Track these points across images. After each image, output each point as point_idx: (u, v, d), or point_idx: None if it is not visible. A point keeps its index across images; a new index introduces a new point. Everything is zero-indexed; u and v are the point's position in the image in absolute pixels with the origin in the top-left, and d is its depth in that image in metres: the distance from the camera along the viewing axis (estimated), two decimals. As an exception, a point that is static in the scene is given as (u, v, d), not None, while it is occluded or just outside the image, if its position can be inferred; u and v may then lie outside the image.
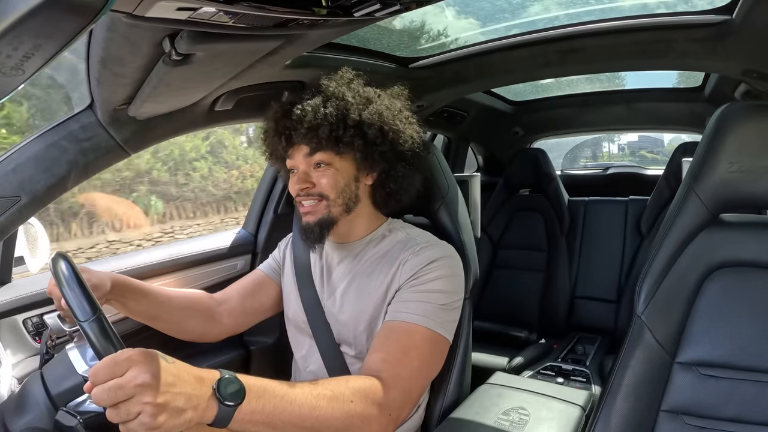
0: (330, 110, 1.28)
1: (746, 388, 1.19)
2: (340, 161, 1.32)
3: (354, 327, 1.34)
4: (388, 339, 1.22)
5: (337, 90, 1.33)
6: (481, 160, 3.92)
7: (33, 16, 0.51)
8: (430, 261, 1.29)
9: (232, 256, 2.03)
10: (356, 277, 1.37)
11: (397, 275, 1.30)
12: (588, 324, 2.97)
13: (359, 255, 1.40)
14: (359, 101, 1.32)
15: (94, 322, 0.84)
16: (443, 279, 1.28)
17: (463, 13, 2.14)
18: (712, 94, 2.52)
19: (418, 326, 1.22)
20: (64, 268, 0.93)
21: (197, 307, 1.44)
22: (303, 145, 1.31)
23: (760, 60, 1.65)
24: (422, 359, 1.22)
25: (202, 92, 1.37)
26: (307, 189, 1.32)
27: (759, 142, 1.23)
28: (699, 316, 1.26)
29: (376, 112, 1.32)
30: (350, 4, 0.96)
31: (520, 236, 3.21)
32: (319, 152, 1.30)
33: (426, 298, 1.25)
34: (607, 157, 7.35)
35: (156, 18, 0.82)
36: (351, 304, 1.35)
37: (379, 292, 1.31)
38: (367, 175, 1.37)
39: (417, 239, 1.36)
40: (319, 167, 1.32)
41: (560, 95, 3.20)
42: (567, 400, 1.51)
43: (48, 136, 1.30)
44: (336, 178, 1.32)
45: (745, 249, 1.26)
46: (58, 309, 1.21)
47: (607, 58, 1.93)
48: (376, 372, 1.15)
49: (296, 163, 1.34)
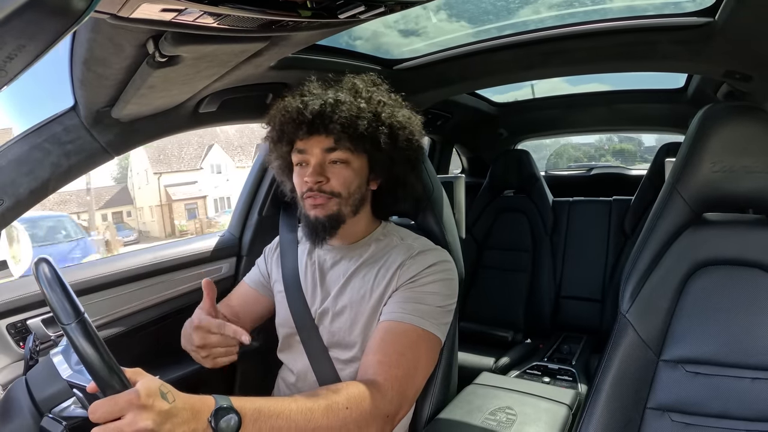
0: (363, 105, 1.26)
1: (731, 384, 1.20)
2: (357, 161, 1.30)
3: (349, 329, 1.33)
4: (383, 340, 1.22)
5: (365, 89, 1.32)
6: (465, 161, 3.93)
7: (16, 16, 0.51)
8: (428, 266, 1.30)
9: (216, 258, 2.02)
10: (351, 279, 1.36)
11: (394, 279, 1.29)
12: (573, 323, 2.99)
13: (354, 257, 1.39)
14: (390, 103, 1.33)
15: (77, 325, 0.83)
16: (440, 282, 1.29)
17: (451, 16, 2.15)
18: (694, 95, 2.56)
19: (414, 326, 1.22)
20: (47, 271, 0.93)
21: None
22: (325, 137, 1.27)
23: (742, 61, 1.67)
24: (418, 359, 1.23)
25: (186, 94, 1.37)
26: (321, 184, 1.28)
27: (741, 142, 1.25)
28: (683, 314, 1.28)
29: (406, 116, 1.34)
30: (335, 5, 0.96)
31: (505, 237, 3.22)
32: (338, 150, 1.27)
33: (422, 299, 1.26)
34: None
35: (140, 19, 0.82)
36: (346, 304, 1.34)
37: (375, 295, 1.30)
38: (374, 179, 1.36)
39: (414, 244, 1.37)
40: (335, 164, 1.29)
41: (544, 97, 3.22)
42: (554, 399, 1.52)
43: (30, 139, 1.28)
44: (351, 177, 1.30)
45: (729, 247, 1.28)
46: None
47: (590, 60, 1.95)
48: (372, 374, 1.16)
49: (310, 155, 1.30)
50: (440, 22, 2.10)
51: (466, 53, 1.93)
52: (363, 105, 1.26)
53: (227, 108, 1.58)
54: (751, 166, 1.25)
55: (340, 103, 1.24)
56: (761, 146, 1.25)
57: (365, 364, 1.21)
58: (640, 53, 1.79)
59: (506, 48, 1.86)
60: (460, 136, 3.54)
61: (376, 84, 1.38)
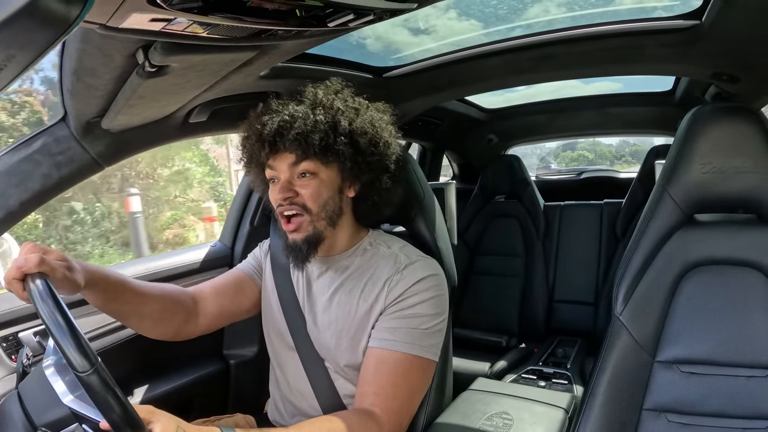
0: (320, 117, 1.24)
1: (727, 383, 1.21)
2: (326, 171, 1.27)
3: (335, 345, 1.32)
4: (377, 371, 1.23)
5: (326, 98, 1.29)
6: (456, 167, 3.94)
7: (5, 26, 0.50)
8: (416, 281, 1.28)
9: (208, 269, 2.01)
10: (337, 293, 1.34)
11: (381, 296, 1.28)
12: (567, 327, 3.00)
13: (340, 269, 1.37)
14: (349, 110, 1.30)
15: (94, 373, 0.82)
16: (429, 302, 1.28)
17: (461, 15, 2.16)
18: (683, 98, 2.57)
19: (406, 354, 1.23)
20: (60, 319, 0.92)
21: (174, 309, 1.34)
22: (288, 153, 1.25)
23: (730, 63, 1.69)
24: (412, 387, 1.25)
25: (177, 104, 1.37)
26: (290, 198, 1.26)
27: (730, 143, 1.27)
28: (677, 315, 1.28)
29: (367, 121, 1.30)
30: (324, 14, 0.97)
31: (496, 242, 3.23)
32: (305, 161, 1.25)
33: (412, 323, 1.25)
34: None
35: (129, 29, 0.82)
36: (332, 321, 1.33)
37: (362, 311, 1.29)
38: (350, 187, 1.33)
39: (400, 256, 1.33)
40: (303, 177, 1.26)
41: (533, 102, 3.24)
42: (550, 403, 1.52)
43: (21, 150, 1.28)
44: (320, 189, 1.27)
45: (720, 247, 1.29)
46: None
47: (578, 65, 1.96)
48: (369, 405, 1.19)
49: (278, 172, 1.28)
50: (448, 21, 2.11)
51: (455, 60, 1.94)
52: (320, 117, 1.24)
53: (218, 118, 1.58)
54: (740, 166, 1.26)
55: (294, 119, 1.23)
56: (749, 146, 1.26)
57: (361, 394, 1.23)
58: (628, 57, 1.81)
59: (495, 54, 1.87)
60: (450, 143, 3.55)
61: (339, 90, 1.34)
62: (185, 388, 1.74)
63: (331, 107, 1.28)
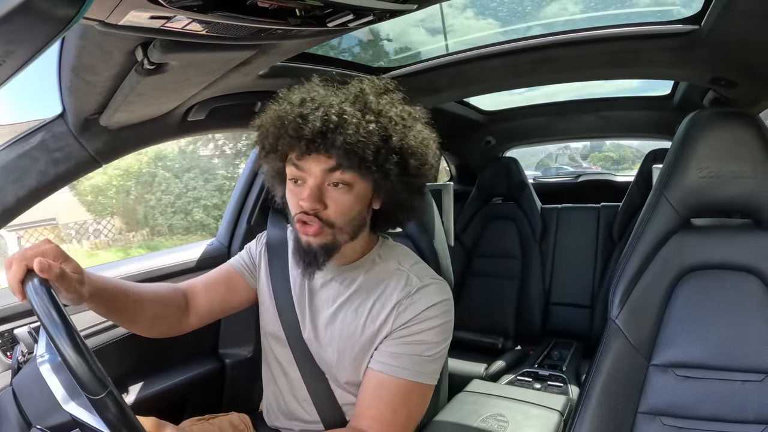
0: (372, 127, 1.08)
1: (722, 387, 1.22)
2: (362, 184, 1.13)
3: (337, 362, 1.26)
4: (377, 395, 1.19)
5: (375, 100, 1.14)
6: (453, 169, 3.94)
7: (4, 22, 0.50)
8: (426, 308, 1.20)
9: (205, 267, 2.00)
10: (342, 308, 1.27)
11: (389, 320, 1.20)
12: (563, 330, 3.00)
13: (347, 281, 1.28)
14: (400, 121, 1.15)
15: (107, 397, 0.82)
16: (436, 329, 1.20)
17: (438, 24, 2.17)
18: (681, 102, 2.58)
19: (408, 381, 1.18)
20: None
21: (168, 311, 1.31)
22: (326, 158, 1.08)
23: (728, 68, 1.69)
24: (410, 412, 1.21)
25: (175, 102, 1.36)
26: (317, 210, 1.11)
27: (727, 147, 1.27)
28: (672, 319, 1.29)
29: (419, 140, 1.18)
30: (323, 14, 0.97)
31: (493, 244, 3.23)
32: (345, 171, 1.09)
33: (416, 350, 1.19)
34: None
35: (129, 26, 0.82)
36: (335, 338, 1.26)
37: (368, 333, 1.22)
38: (376, 199, 1.20)
39: (412, 278, 1.24)
40: (336, 186, 1.11)
41: (531, 105, 3.24)
42: (545, 406, 1.53)
43: (18, 146, 1.28)
44: (352, 205, 1.13)
45: (716, 252, 1.29)
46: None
47: (577, 68, 1.96)
48: (366, 427, 1.16)
49: (308, 174, 1.11)
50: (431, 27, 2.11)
51: (454, 61, 1.94)
52: (372, 126, 1.08)
53: (216, 116, 1.58)
54: (737, 171, 1.26)
55: (345, 121, 1.06)
56: (747, 151, 1.26)
57: (358, 415, 1.20)
58: (627, 61, 1.81)
59: (495, 56, 1.87)
60: (448, 144, 3.55)
61: (387, 90, 1.20)
62: (180, 386, 1.74)
63: (380, 114, 1.13)
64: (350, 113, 1.07)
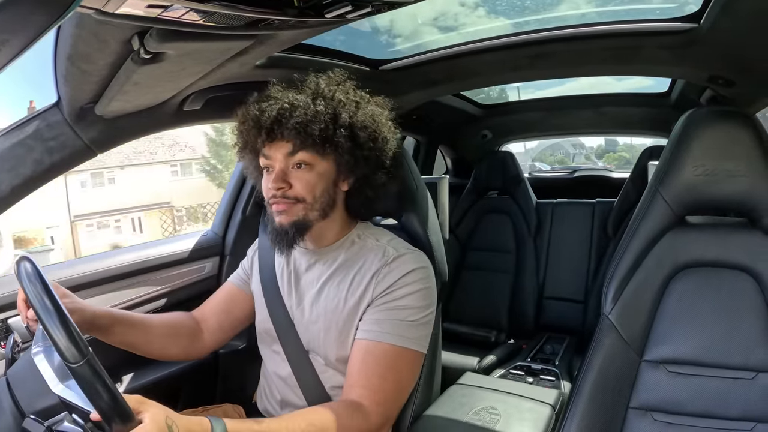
0: (321, 108, 1.22)
1: (713, 384, 1.22)
2: (322, 163, 1.26)
3: (324, 338, 1.31)
4: (364, 362, 1.22)
5: (327, 88, 1.28)
6: (449, 162, 3.94)
7: (0, 11, 0.50)
8: (404, 274, 1.27)
9: (199, 258, 2.00)
10: (326, 285, 1.34)
11: (369, 289, 1.27)
12: (556, 324, 3.00)
13: (328, 261, 1.36)
14: (350, 103, 1.28)
15: (85, 364, 0.82)
16: (416, 294, 1.27)
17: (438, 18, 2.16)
18: (678, 100, 2.58)
19: (393, 346, 1.22)
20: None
21: (179, 332, 1.41)
22: (285, 142, 1.23)
23: (726, 67, 1.69)
24: (400, 379, 1.24)
25: (171, 91, 1.36)
26: (284, 190, 1.25)
27: (723, 146, 1.27)
28: (665, 316, 1.29)
29: (368, 115, 1.29)
30: (322, 5, 0.96)
31: (488, 238, 3.24)
32: (302, 151, 1.23)
33: (399, 315, 1.25)
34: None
35: (125, 15, 0.81)
36: (321, 313, 1.32)
37: (350, 303, 1.28)
38: (344, 180, 1.31)
39: (388, 249, 1.32)
40: (299, 168, 1.25)
41: (528, 99, 3.24)
42: (537, 399, 1.53)
43: (13, 135, 1.27)
44: (315, 182, 1.26)
45: (710, 249, 1.30)
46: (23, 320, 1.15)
47: (575, 63, 1.96)
48: (356, 397, 1.19)
49: (274, 161, 1.26)
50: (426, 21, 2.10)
51: (452, 54, 1.93)
52: (321, 107, 1.22)
53: (212, 106, 1.58)
54: (732, 169, 1.27)
55: (294, 107, 1.21)
56: (742, 150, 1.27)
57: (348, 386, 1.23)
58: (625, 57, 1.81)
59: (493, 50, 1.86)
60: (444, 137, 3.55)
61: (341, 82, 1.33)
62: (173, 377, 1.74)
63: (333, 98, 1.26)
64: (301, 100, 1.23)
